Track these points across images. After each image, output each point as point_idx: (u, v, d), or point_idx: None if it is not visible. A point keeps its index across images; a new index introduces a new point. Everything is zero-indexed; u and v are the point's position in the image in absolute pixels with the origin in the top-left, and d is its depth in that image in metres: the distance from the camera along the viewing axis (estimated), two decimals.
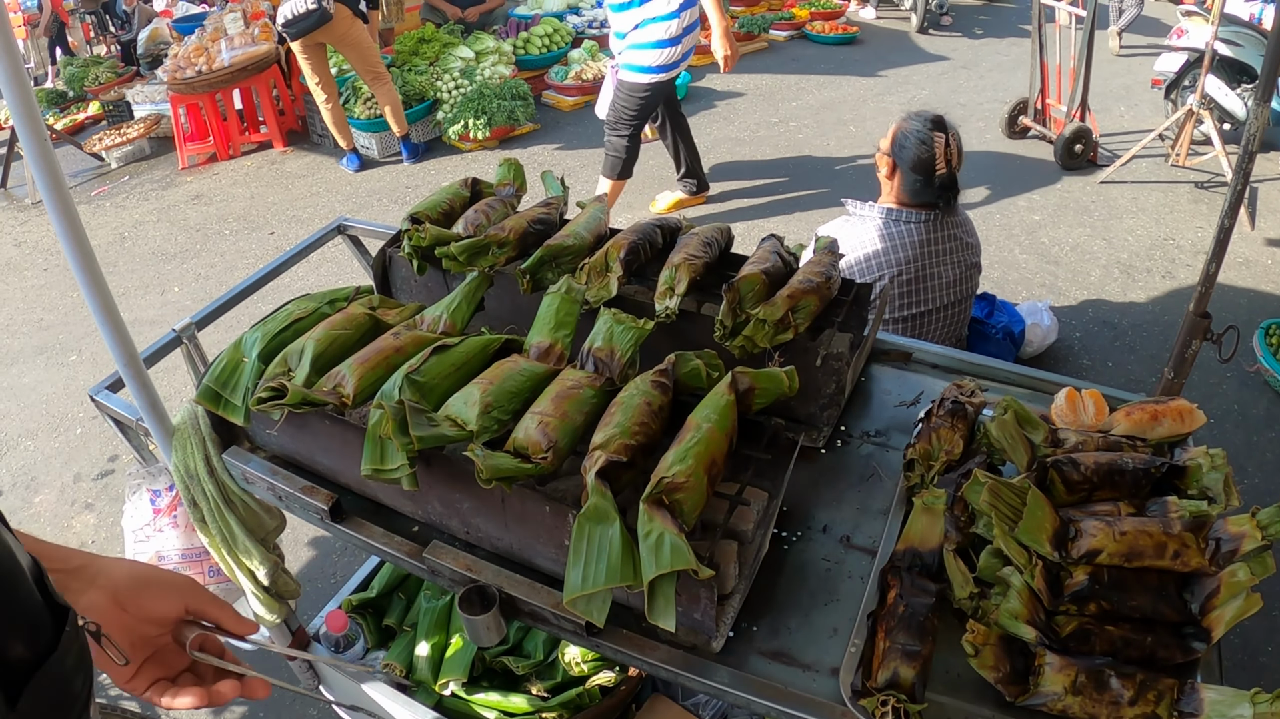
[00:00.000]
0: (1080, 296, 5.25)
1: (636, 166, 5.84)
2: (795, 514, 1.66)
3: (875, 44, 10.87)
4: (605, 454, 1.34)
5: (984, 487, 1.39)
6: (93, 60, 10.19)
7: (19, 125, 1.59)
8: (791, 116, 8.31)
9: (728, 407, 1.45)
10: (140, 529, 2.20)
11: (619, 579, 1.24)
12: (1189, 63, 6.91)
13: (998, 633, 1.32)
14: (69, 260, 1.75)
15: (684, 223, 2.11)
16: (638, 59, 5.27)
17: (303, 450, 1.81)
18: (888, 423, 1.88)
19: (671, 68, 5.33)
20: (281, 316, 1.87)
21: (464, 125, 7.57)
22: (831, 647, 1.42)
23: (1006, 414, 1.60)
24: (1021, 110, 7.50)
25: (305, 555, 3.69)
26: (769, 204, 6.55)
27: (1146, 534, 1.36)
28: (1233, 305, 5.03)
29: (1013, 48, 10.41)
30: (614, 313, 1.66)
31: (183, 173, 7.90)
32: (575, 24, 9.74)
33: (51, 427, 4.69)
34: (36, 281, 6.26)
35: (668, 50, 5.19)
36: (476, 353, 1.65)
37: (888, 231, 2.96)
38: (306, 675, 2.51)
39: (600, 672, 2.43)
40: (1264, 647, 3.15)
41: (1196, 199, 6.40)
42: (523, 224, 2.04)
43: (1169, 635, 1.35)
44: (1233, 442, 4.06)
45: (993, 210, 6.27)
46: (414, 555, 1.60)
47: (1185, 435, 1.65)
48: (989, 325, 4.07)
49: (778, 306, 1.69)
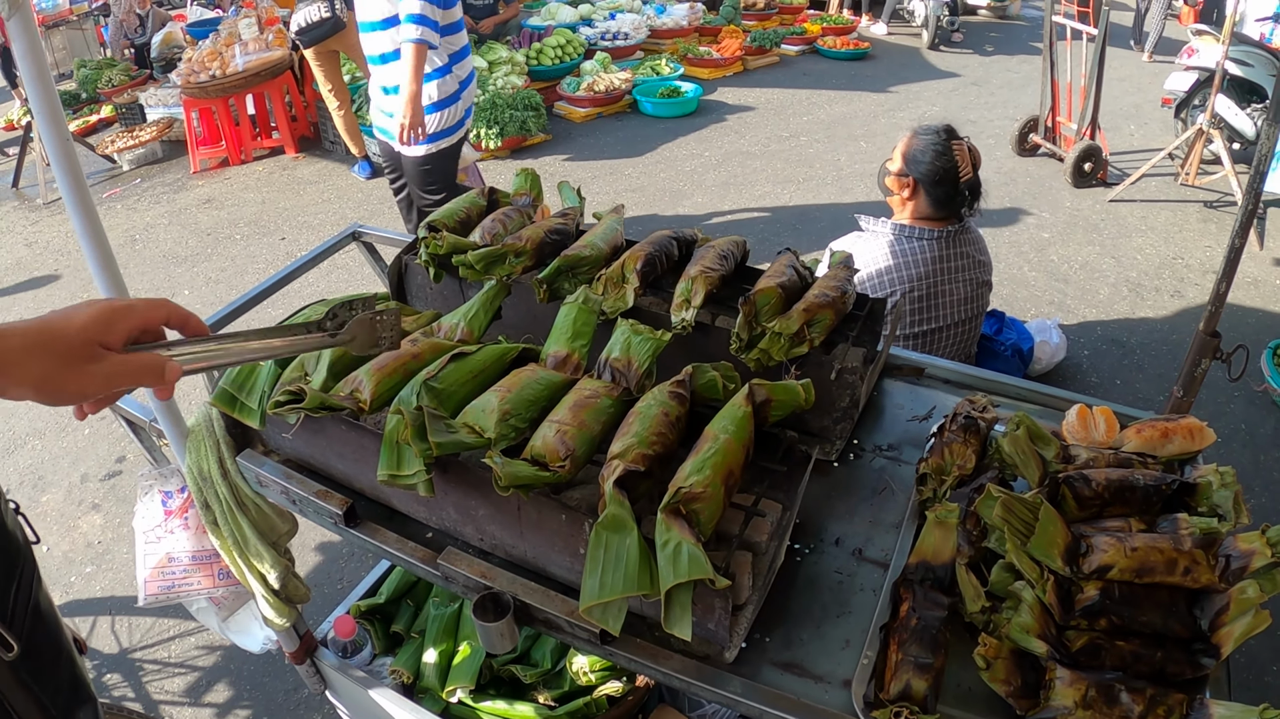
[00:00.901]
0: (1089, 314, 5.26)
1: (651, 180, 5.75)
2: (808, 526, 1.66)
3: (886, 60, 10.92)
4: (623, 463, 1.35)
5: (997, 501, 1.40)
6: (106, 62, 10.22)
7: (43, 128, 1.62)
8: (803, 131, 8.34)
9: (745, 418, 1.46)
10: (151, 530, 2.21)
11: (636, 588, 1.25)
12: (1199, 82, 6.94)
13: (1009, 647, 1.33)
14: (88, 261, 1.78)
15: (700, 235, 2.12)
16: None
17: (317, 455, 1.82)
18: (900, 437, 1.89)
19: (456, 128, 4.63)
20: (297, 321, 1.88)
21: (476, 134, 7.60)
22: (844, 659, 1.42)
23: (1019, 430, 1.60)
24: (1032, 128, 7.52)
25: (313, 560, 3.70)
26: (779, 218, 6.57)
27: (1157, 550, 1.36)
28: (1240, 324, 5.04)
29: (1023, 65, 10.45)
30: (632, 324, 1.67)
31: (194, 176, 7.94)
32: (588, 36, 9.80)
33: (59, 426, 4.71)
34: (47, 282, 6.28)
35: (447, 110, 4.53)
36: (494, 361, 1.67)
37: (899, 248, 2.96)
38: (314, 680, 2.52)
39: (608, 681, 2.43)
40: (1269, 666, 3.15)
41: (1206, 218, 6.42)
42: (540, 234, 2.06)
43: (1179, 651, 1.35)
44: (1240, 460, 4.06)
45: (1002, 227, 6.28)
46: (428, 561, 1.61)
47: (1195, 453, 1.65)
48: (998, 342, 4.08)
49: (793, 320, 1.70)
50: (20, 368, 0.98)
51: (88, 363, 1.02)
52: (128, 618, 3.48)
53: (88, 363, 1.02)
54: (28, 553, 1.49)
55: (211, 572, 2.25)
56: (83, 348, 1.02)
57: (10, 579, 1.40)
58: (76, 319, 1.03)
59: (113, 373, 1.04)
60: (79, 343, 1.02)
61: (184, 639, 3.39)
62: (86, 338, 1.02)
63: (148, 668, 3.29)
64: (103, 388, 1.04)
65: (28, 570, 1.46)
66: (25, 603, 1.42)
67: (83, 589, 3.61)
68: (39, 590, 1.48)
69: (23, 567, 1.45)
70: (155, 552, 2.21)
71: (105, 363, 1.03)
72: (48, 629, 1.49)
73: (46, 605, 1.51)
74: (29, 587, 1.45)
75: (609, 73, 9.03)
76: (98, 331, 1.04)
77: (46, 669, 1.45)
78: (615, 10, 10.63)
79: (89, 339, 1.03)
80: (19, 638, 1.35)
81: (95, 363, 1.02)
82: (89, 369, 1.02)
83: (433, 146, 4.59)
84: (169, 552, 2.21)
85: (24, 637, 1.37)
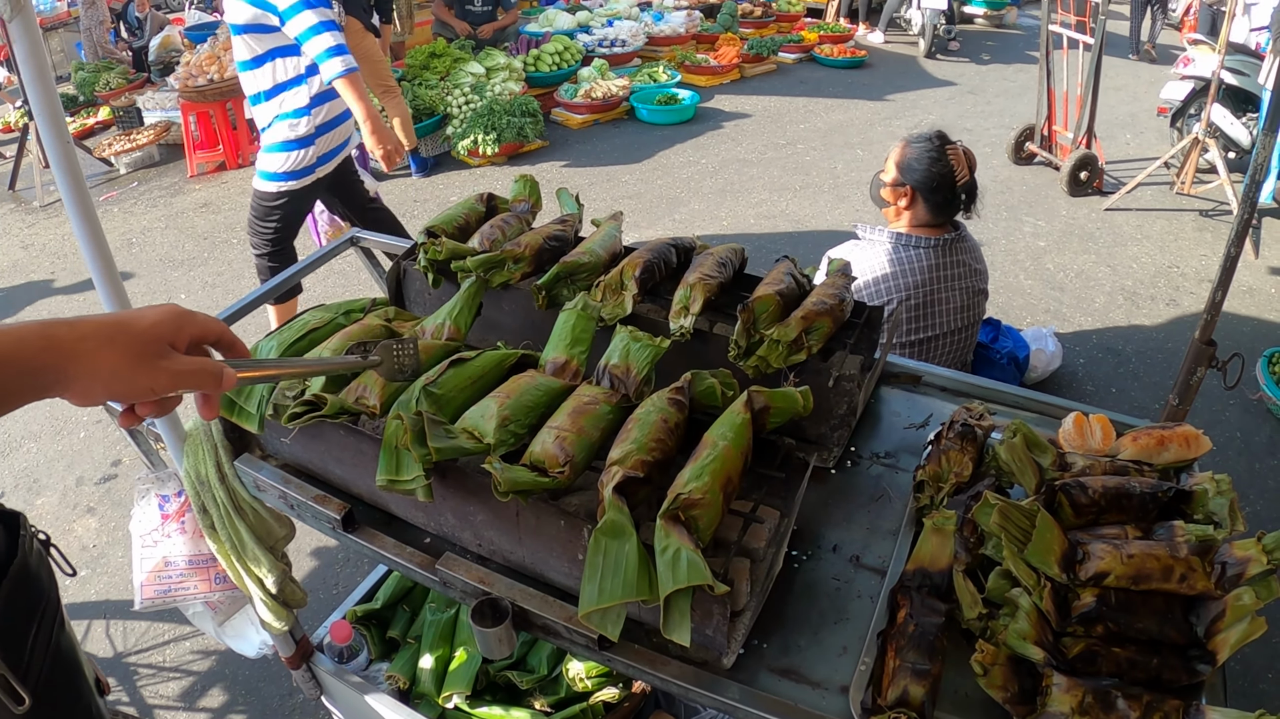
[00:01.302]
0: (1084, 323, 5.27)
1: (648, 186, 5.76)
2: (805, 533, 1.67)
3: (883, 68, 10.95)
4: (622, 470, 1.36)
5: (994, 508, 1.41)
6: (104, 65, 10.23)
7: (44, 131, 1.62)
8: (799, 138, 8.36)
9: (743, 425, 1.46)
10: (148, 534, 2.21)
11: (635, 594, 1.25)
12: (1195, 91, 6.96)
13: (1006, 653, 1.33)
14: (89, 265, 1.78)
15: (698, 242, 2.13)
16: (264, 163, 4.37)
17: (315, 460, 1.82)
18: (897, 444, 1.90)
19: (304, 174, 4.41)
20: (297, 326, 1.89)
21: (473, 140, 7.62)
22: (841, 665, 1.42)
23: (1015, 438, 1.61)
24: (1028, 136, 7.55)
25: (308, 565, 3.70)
26: (776, 225, 6.58)
27: (1153, 557, 1.37)
28: (1235, 333, 5.06)
29: (1019, 73, 10.49)
30: (631, 330, 1.68)
31: (191, 180, 7.94)
32: (585, 42, 9.82)
33: (55, 430, 4.70)
34: (43, 284, 6.27)
35: (296, 153, 4.31)
36: (493, 367, 1.67)
37: (897, 256, 2.97)
38: (309, 685, 2.52)
39: (604, 687, 2.43)
40: (1265, 674, 3.16)
41: (1201, 227, 6.44)
42: (538, 240, 2.06)
43: (1175, 658, 1.35)
44: (1235, 469, 4.08)
45: (998, 235, 6.30)
46: (426, 567, 1.61)
47: (1191, 461, 1.66)
48: (994, 350, 4.09)
49: (792, 327, 1.71)
50: (93, 359, 0.98)
51: (158, 358, 1.03)
52: (122, 622, 3.48)
53: (158, 358, 1.03)
54: (52, 593, 1.45)
55: (208, 576, 2.25)
56: (154, 343, 1.03)
57: (30, 622, 1.37)
58: (148, 316, 1.04)
59: (179, 371, 1.05)
60: (151, 338, 1.03)
61: (179, 643, 3.39)
62: (157, 334, 1.03)
63: (142, 672, 3.29)
64: (168, 385, 1.04)
65: (50, 612, 1.43)
66: (44, 649, 1.39)
67: (77, 593, 3.60)
68: (60, 634, 1.45)
69: (44, 608, 1.41)
70: (152, 556, 2.21)
71: (173, 361, 1.04)
72: (67, 676, 1.45)
73: (68, 648, 1.47)
74: (49, 631, 1.42)
75: (606, 79, 9.05)
76: (168, 331, 1.05)
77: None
78: (613, 17, 10.65)
79: (159, 336, 1.04)
80: (34, 689, 1.33)
81: (164, 359, 1.03)
82: (159, 365, 1.03)
83: (272, 184, 4.39)
84: (165, 556, 2.21)
85: (39, 686, 1.35)
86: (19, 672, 1.32)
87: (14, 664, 1.32)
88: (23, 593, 1.41)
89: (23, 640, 1.35)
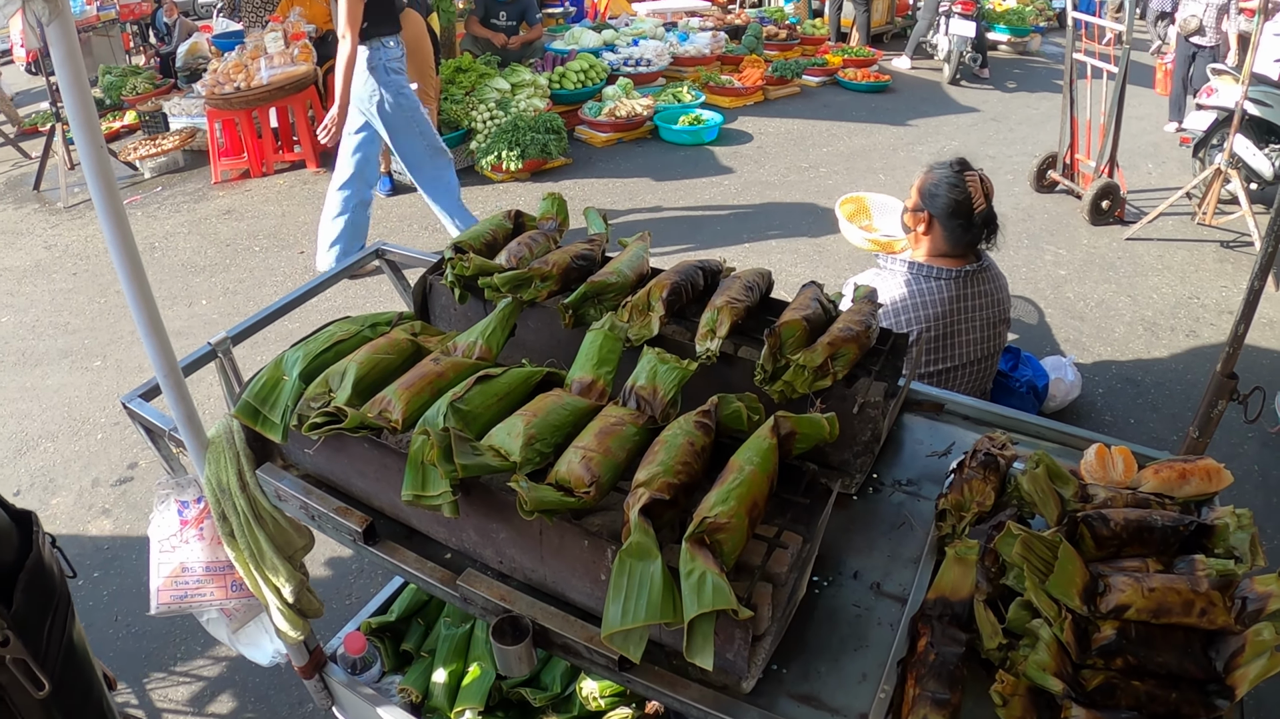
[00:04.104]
0: (1104, 353, 5.25)
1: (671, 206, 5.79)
2: (827, 559, 1.67)
3: (907, 93, 10.96)
4: (649, 492, 1.36)
5: (1016, 539, 1.41)
6: (131, 70, 10.32)
7: (77, 134, 1.62)
8: (822, 162, 8.37)
9: (770, 450, 1.47)
10: (166, 539, 2.22)
11: (659, 616, 1.25)
12: (1217, 121, 6.94)
13: (1026, 684, 1.33)
14: (116, 268, 1.78)
15: (725, 265, 2.13)
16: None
17: (338, 472, 1.83)
18: (919, 472, 1.90)
19: None
20: (323, 337, 1.90)
21: (497, 156, 7.64)
22: (860, 692, 1.42)
23: (1038, 468, 1.61)
24: (1050, 164, 7.54)
25: (322, 575, 3.70)
26: (797, 249, 6.58)
27: (1174, 591, 1.37)
28: (1255, 366, 5.03)
29: (1043, 101, 10.48)
30: (658, 352, 1.69)
31: (215, 187, 7.99)
32: (611, 61, 9.86)
33: (72, 430, 4.73)
34: (65, 285, 6.32)
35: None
36: (519, 384, 1.68)
37: (916, 287, 2.97)
38: (321, 696, 2.52)
39: (617, 707, 2.43)
40: None
41: (1222, 258, 6.41)
42: (566, 259, 2.07)
43: (1193, 692, 1.35)
44: (1254, 503, 4.04)
45: (1019, 263, 6.29)
46: (447, 582, 1.62)
47: (1212, 495, 1.66)
48: (1013, 379, 4.07)
49: (818, 353, 1.71)
50: None
51: None
52: (135, 624, 3.49)
53: None
54: (63, 588, 1.49)
55: (225, 583, 2.25)
56: None
57: (46, 614, 1.41)
58: None
59: None
60: None
61: (190, 648, 3.39)
62: None
63: (152, 675, 3.29)
64: None
65: (63, 606, 1.47)
66: (60, 640, 1.43)
67: (89, 593, 3.62)
68: (73, 627, 1.48)
69: (58, 603, 1.46)
70: (169, 561, 2.22)
71: None
72: (79, 666, 1.49)
73: (79, 642, 1.51)
74: (63, 623, 1.45)
75: (631, 99, 9.08)
76: None
77: (76, 707, 1.46)
78: (638, 37, 10.69)
79: None
80: (51, 675, 1.36)
81: None
82: None
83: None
84: (183, 561, 2.22)
85: (56, 674, 1.38)
86: (38, 659, 1.36)
87: (33, 652, 1.35)
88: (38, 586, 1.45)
89: (40, 631, 1.39)
